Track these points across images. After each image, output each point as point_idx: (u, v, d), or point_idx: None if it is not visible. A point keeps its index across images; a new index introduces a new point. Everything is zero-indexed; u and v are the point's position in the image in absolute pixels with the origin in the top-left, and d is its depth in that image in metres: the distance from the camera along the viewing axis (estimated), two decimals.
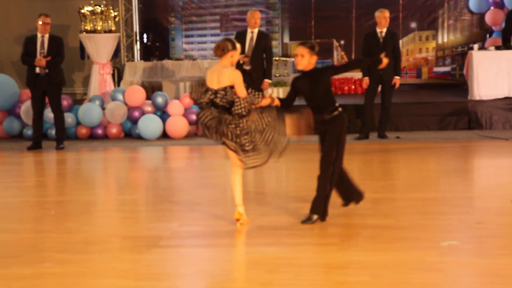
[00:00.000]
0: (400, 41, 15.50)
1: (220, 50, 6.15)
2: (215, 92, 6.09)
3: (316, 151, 6.44)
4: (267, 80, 11.57)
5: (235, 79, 6.07)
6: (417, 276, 4.83)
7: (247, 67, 11.58)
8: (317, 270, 5.09)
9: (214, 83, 6.11)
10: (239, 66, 11.72)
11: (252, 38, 11.69)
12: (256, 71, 11.55)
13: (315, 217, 6.23)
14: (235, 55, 6.20)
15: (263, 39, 11.69)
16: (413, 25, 17.51)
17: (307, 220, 6.24)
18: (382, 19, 11.55)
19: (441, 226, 6.17)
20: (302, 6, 17.99)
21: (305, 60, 6.27)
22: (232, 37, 12.43)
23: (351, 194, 6.63)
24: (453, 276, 4.84)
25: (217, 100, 6.08)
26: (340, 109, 6.32)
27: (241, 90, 6.07)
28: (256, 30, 11.71)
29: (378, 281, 4.77)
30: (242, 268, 5.13)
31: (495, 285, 4.64)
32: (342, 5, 17.66)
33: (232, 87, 6.07)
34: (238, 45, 6.23)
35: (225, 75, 6.08)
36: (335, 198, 6.55)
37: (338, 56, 16.68)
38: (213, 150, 11.44)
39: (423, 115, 13.14)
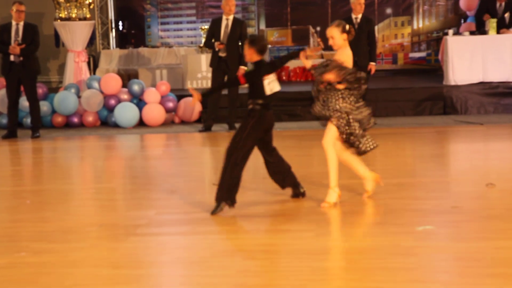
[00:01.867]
0: (376, 27, 15.54)
1: None
2: None
3: (296, 137, 6.47)
4: (242, 67, 11.56)
5: None
6: (393, 260, 4.87)
7: (222, 54, 11.57)
8: (293, 256, 5.10)
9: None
10: (214, 53, 11.71)
11: (227, 25, 11.66)
12: (232, 58, 11.54)
13: (223, 204, 6.22)
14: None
15: (238, 26, 11.67)
16: (389, 11, 17.55)
17: (216, 210, 6.22)
18: (357, 5, 11.55)
19: (416, 211, 6.21)
20: None
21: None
22: (208, 24, 12.44)
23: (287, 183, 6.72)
24: (429, 261, 4.88)
25: None
26: (258, 106, 6.30)
27: None
28: (231, 17, 11.69)
29: (354, 266, 4.80)
30: (219, 255, 5.14)
31: (471, 269, 4.68)
32: None
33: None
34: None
35: None
36: (317, 186, 6.57)
37: (315, 43, 16.68)
38: (190, 137, 11.42)
39: (398, 100, 13.19)
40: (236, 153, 6.21)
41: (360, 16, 11.60)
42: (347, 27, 6.41)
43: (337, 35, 6.38)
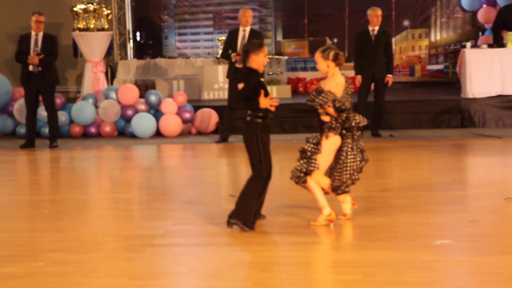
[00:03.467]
0: (393, 39, 15.54)
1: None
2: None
3: None
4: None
5: None
6: (410, 274, 4.84)
7: (239, 65, 11.58)
8: (310, 269, 5.09)
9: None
10: (231, 64, 11.73)
11: (244, 36, 11.69)
12: None
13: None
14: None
15: (256, 37, 11.68)
16: (406, 23, 17.54)
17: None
18: (374, 17, 11.56)
19: (434, 224, 6.18)
20: (295, 4, 18.00)
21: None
22: (225, 35, 12.47)
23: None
24: (446, 275, 4.85)
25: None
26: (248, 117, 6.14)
27: None
28: (248, 28, 11.71)
29: (371, 279, 4.78)
30: (235, 267, 5.13)
31: (488, 284, 4.65)
32: (335, 3, 17.68)
33: None
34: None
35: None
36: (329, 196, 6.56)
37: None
38: (207, 148, 11.44)
39: (416, 113, 13.15)
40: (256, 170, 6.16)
41: (377, 28, 11.60)
42: (332, 54, 6.12)
43: (320, 61, 6.17)
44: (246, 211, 6.04)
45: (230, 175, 9.51)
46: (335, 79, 6.15)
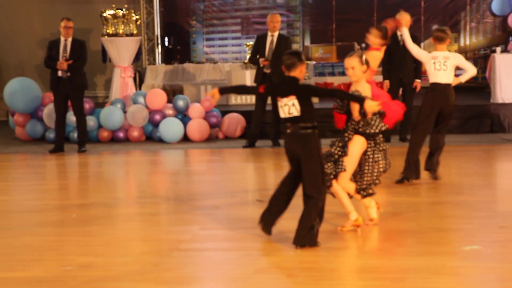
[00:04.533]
0: (422, 44, 15.44)
1: None
2: None
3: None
4: None
5: None
6: (438, 280, 4.80)
7: (267, 71, 11.59)
8: (337, 275, 5.07)
9: None
10: (259, 69, 11.74)
11: (272, 41, 11.69)
12: (276, 75, 11.54)
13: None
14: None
15: (283, 42, 11.69)
16: (435, 27, 17.41)
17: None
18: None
19: (463, 230, 6.13)
20: (323, 9, 17.98)
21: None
22: (253, 40, 12.49)
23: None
24: (474, 281, 4.80)
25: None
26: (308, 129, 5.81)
27: None
28: (276, 34, 11.71)
29: (398, 285, 4.75)
30: (262, 272, 5.12)
31: None
32: (363, 8, 17.64)
33: None
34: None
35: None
36: (354, 202, 6.53)
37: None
38: (234, 153, 11.45)
39: None
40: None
41: None
42: (364, 58, 6.11)
43: (358, 66, 6.08)
44: (312, 234, 5.69)
45: (257, 180, 9.50)
46: (365, 84, 6.16)
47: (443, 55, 8.16)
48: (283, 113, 5.72)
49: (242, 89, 6.54)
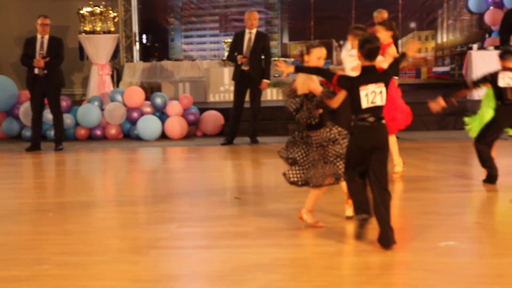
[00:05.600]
0: (400, 41, 15.50)
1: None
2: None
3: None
4: (265, 81, 11.58)
5: None
6: (416, 276, 4.82)
7: (245, 68, 11.58)
8: (314, 271, 5.08)
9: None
10: (237, 66, 11.73)
11: (250, 38, 11.69)
12: (255, 72, 11.56)
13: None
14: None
15: (261, 39, 11.69)
16: (413, 25, 17.51)
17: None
18: (380, 20, 11.52)
19: (439, 226, 6.16)
20: (301, 6, 17.99)
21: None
22: (231, 38, 12.48)
23: None
24: (451, 277, 4.83)
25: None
26: (353, 122, 5.66)
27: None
28: (254, 31, 11.71)
29: (375, 281, 4.77)
30: (240, 270, 5.12)
31: (492, 286, 4.63)
32: (341, 5, 17.66)
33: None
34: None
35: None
36: (330, 198, 6.55)
37: (338, 56, 16.67)
38: (212, 150, 11.43)
39: (422, 115, 13.09)
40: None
41: None
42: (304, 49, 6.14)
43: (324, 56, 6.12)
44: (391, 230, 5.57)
45: (235, 178, 9.50)
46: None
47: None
48: (366, 102, 5.50)
49: (318, 71, 5.98)
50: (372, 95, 5.48)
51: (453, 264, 5.11)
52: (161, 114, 13.00)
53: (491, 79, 8.05)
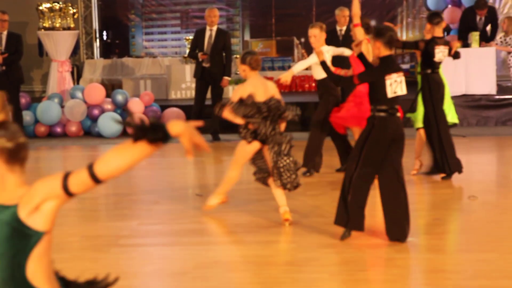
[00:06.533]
0: None
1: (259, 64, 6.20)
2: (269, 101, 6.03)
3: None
4: (226, 78, 11.59)
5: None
6: (376, 272, 4.89)
7: (206, 65, 11.57)
8: (276, 268, 5.11)
9: (261, 95, 6.02)
10: (198, 64, 11.72)
11: (211, 35, 11.68)
12: (216, 69, 11.55)
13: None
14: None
15: (222, 36, 11.70)
16: (373, 22, 17.63)
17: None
18: (342, 18, 11.57)
19: None
20: (262, 4, 18.02)
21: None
22: (192, 35, 12.46)
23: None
24: (410, 272, 4.90)
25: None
26: (381, 112, 5.56)
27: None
28: (214, 28, 11.71)
29: (336, 278, 4.81)
30: (202, 267, 5.13)
31: (449, 281, 4.71)
32: (302, 3, 17.74)
33: None
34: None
35: (271, 86, 6.16)
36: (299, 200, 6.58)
37: (299, 54, 16.73)
38: (174, 148, 11.38)
39: None
40: (356, 174, 5.48)
41: (344, 28, 11.63)
42: (248, 59, 6.08)
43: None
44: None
45: (197, 175, 9.50)
46: (250, 82, 6.09)
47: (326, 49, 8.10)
48: (390, 92, 5.50)
49: (338, 80, 6.05)
50: (395, 84, 5.50)
51: (412, 260, 5.19)
52: (122, 111, 12.93)
53: (424, 48, 8.04)
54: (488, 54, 13.40)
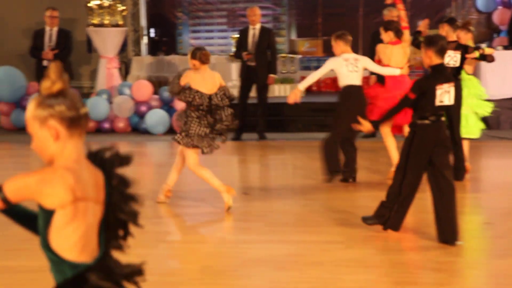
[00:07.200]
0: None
1: (208, 58, 6.85)
2: (215, 94, 6.76)
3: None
4: (272, 75, 11.56)
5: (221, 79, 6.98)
6: (425, 276, 4.83)
7: (251, 64, 11.56)
8: (323, 268, 5.08)
9: (209, 88, 6.77)
10: (243, 63, 11.72)
11: (254, 34, 11.68)
12: (261, 67, 11.53)
13: (371, 221, 5.84)
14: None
15: (266, 34, 11.69)
16: (421, 23, 17.46)
17: (365, 220, 5.89)
18: (390, 18, 11.49)
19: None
20: (309, 3, 17.96)
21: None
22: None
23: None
24: (461, 277, 4.84)
25: (217, 101, 6.68)
26: (426, 120, 5.57)
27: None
28: (258, 26, 11.71)
29: (384, 279, 4.77)
30: (249, 265, 5.13)
31: (502, 286, 4.63)
32: (350, 2, 17.63)
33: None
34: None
35: (217, 78, 6.94)
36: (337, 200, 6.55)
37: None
38: (221, 145, 11.41)
39: None
40: (403, 182, 5.56)
41: None
42: (197, 54, 6.85)
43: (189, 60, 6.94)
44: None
45: (242, 173, 9.51)
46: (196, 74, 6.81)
47: (353, 57, 8.02)
48: (437, 101, 5.51)
49: (398, 108, 5.85)
50: (444, 94, 5.49)
51: (462, 264, 5.12)
52: (169, 108, 13.00)
53: None
54: None
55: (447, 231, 5.44)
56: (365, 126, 5.97)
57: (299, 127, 12.61)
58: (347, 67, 7.74)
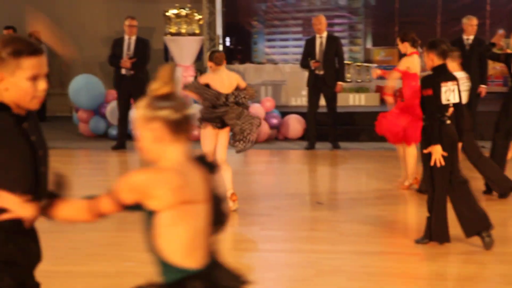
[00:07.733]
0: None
1: (224, 59, 7.28)
2: (231, 94, 7.24)
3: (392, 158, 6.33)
4: (340, 83, 11.50)
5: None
6: None
7: (319, 72, 11.51)
8: (399, 280, 5.02)
9: (225, 88, 7.20)
10: (311, 72, 11.69)
11: (321, 43, 11.65)
12: (329, 75, 11.48)
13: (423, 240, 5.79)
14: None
15: (333, 42, 11.64)
16: (500, 31, 17.10)
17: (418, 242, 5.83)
18: (469, 27, 11.29)
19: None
20: (385, 11, 17.81)
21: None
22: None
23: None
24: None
25: (232, 100, 7.19)
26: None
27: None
28: (324, 35, 11.68)
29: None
30: (323, 274, 5.10)
31: None
32: (427, 10, 17.41)
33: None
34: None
35: (234, 79, 7.40)
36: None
37: (422, 63, 16.44)
38: (293, 154, 11.43)
39: None
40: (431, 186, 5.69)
41: (471, 37, 11.35)
42: (209, 55, 7.33)
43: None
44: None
45: (316, 182, 9.47)
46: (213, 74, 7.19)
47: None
48: (444, 99, 5.66)
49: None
50: (449, 92, 5.64)
51: None
52: None
53: (504, 60, 7.99)
54: None
55: (472, 224, 5.60)
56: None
57: (373, 136, 12.46)
58: None
